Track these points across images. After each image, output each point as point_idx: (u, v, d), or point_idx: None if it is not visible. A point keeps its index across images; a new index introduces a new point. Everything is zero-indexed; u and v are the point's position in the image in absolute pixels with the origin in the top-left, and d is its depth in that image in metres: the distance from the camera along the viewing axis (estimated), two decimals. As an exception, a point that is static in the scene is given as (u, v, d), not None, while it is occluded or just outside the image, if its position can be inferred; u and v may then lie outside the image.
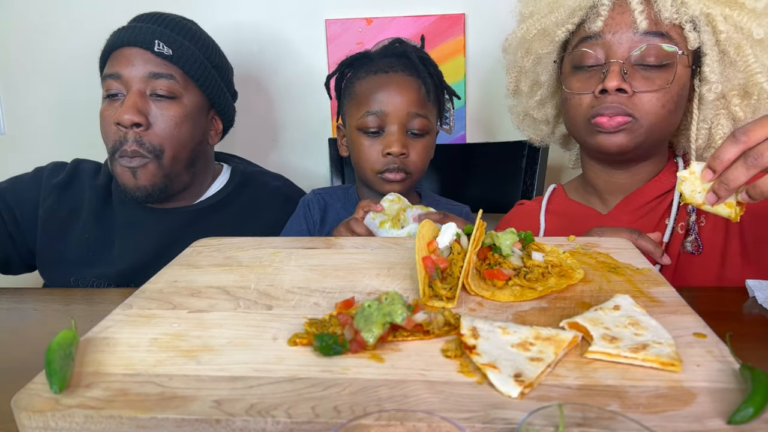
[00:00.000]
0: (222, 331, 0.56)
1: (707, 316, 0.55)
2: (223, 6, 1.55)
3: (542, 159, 1.37)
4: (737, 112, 0.94)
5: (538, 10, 1.02)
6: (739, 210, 0.65)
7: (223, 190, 1.23)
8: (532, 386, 0.45)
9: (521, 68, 1.09)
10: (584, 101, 0.95)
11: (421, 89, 1.06)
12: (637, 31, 0.90)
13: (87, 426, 0.44)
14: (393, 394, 0.45)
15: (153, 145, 1.09)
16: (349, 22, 1.50)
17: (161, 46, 1.10)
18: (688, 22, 0.90)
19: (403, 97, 1.05)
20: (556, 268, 0.66)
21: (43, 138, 1.65)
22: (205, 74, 1.15)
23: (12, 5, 1.59)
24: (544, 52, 1.02)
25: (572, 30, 0.98)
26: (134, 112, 1.06)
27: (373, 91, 1.06)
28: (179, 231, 1.14)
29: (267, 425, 0.43)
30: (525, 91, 1.12)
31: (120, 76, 1.08)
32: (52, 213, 1.18)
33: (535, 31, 1.02)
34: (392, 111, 1.05)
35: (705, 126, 0.96)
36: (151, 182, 1.11)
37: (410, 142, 1.06)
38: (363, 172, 1.10)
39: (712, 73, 0.91)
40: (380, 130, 1.06)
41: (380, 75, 1.08)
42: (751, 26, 0.88)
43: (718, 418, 0.41)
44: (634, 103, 0.91)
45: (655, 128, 0.93)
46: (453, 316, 0.55)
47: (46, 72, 1.58)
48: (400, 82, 1.06)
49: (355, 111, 1.09)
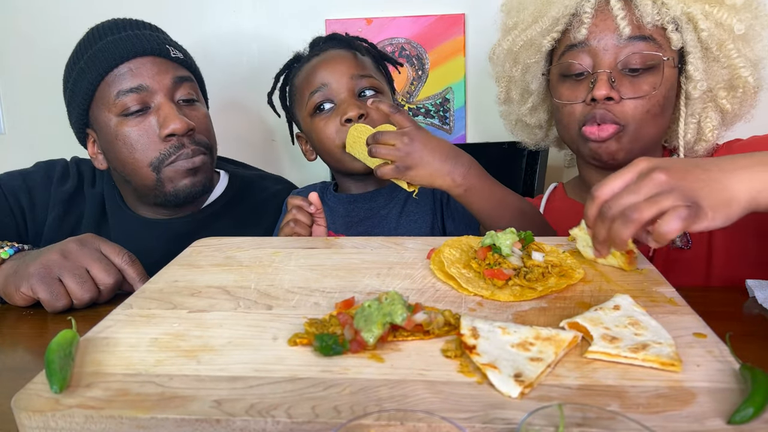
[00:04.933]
0: (222, 331, 0.56)
1: (707, 316, 0.55)
2: (222, 6, 1.54)
3: (542, 159, 1.37)
4: (724, 105, 0.95)
5: (521, 20, 1.02)
6: (625, 259, 0.67)
7: (222, 197, 1.21)
8: (532, 386, 0.45)
9: (510, 78, 1.10)
10: (575, 110, 0.96)
11: (356, 55, 1.05)
12: (621, 36, 0.91)
13: (87, 426, 0.44)
14: (393, 394, 0.45)
15: (204, 142, 1.10)
16: (349, 22, 1.50)
17: (175, 51, 1.09)
18: (669, 23, 0.90)
19: (341, 65, 1.03)
20: (556, 268, 0.66)
21: (43, 138, 1.66)
22: (199, 74, 1.16)
23: (12, 5, 1.59)
24: (532, 61, 1.03)
25: (558, 38, 0.98)
26: (183, 120, 1.04)
27: (310, 74, 1.05)
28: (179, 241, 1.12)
29: (267, 425, 0.43)
30: (516, 99, 1.12)
31: (146, 88, 1.04)
32: (60, 223, 1.15)
33: (521, 42, 1.02)
34: (334, 81, 1.02)
35: (693, 120, 0.97)
36: (206, 179, 1.12)
37: (365, 105, 1.02)
38: (330, 153, 1.06)
39: (696, 71, 0.92)
40: (330, 102, 1.03)
41: (312, 60, 1.07)
42: (731, 22, 0.89)
43: (718, 418, 0.41)
44: (622, 110, 0.92)
45: (641, 133, 0.94)
46: (453, 316, 0.55)
47: (46, 72, 1.58)
48: (333, 55, 1.05)
49: (302, 101, 1.07)
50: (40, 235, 1.16)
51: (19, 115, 1.67)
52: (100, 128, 1.08)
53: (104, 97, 1.05)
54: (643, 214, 0.57)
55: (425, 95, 1.53)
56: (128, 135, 1.04)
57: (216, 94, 1.29)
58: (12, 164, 1.24)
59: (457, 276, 0.64)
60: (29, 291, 0.80)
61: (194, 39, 1.25)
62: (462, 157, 0.88)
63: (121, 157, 1.07)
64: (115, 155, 1.07)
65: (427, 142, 0.87)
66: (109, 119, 1.05)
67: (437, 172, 0.86)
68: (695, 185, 0.59)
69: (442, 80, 1.51)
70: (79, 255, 0.82)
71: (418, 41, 1.49)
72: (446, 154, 0.87)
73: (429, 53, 1.50)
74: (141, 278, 0.85)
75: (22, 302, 0.82)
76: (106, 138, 1.07)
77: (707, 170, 0.61)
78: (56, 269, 0.81)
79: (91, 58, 1.05)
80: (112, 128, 1.05)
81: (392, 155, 0.86)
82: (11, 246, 0.89)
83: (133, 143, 1.05)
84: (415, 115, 1.55)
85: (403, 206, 1.08)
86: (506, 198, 0.92)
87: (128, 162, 1.06)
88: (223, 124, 1.21)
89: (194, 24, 1.55)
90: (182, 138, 1.06)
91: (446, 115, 1.54)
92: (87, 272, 0.82)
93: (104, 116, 1.06)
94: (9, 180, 1.15)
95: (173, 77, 1.07)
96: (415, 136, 0.86)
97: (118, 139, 1.05)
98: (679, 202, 0.57)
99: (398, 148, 0.86)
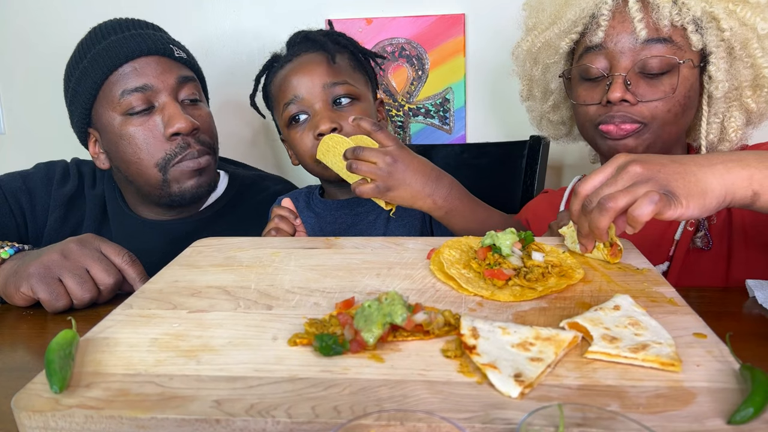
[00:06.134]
0: (222, 331, 0.56)
1: (707, 316, 0.55)
2: (223, 6, 1.55)
3: (542, 159, 1.37)
4: (749, 104, 0.94)
5: (540, 21, 1.02)
6: (608, 252, 0.70)
7: (222, 198, 1.21)
8: (532, 386, 0.45)
9: (531, 76, 1.10)
10: (591, 110, 0.96)
11: (331, 59, 1.01)
12: (637, 39, 0.90)
13: (87, 426, 0.44)
14: (393, 394, 0.45)
15: (208, 141, 1.10)
16: (349, 22, 1.50)
17: (179, 51, 1.09)
18: (690, 23, 0.89)
19: (313, 74, 1.00)
20: (556, 268, 0.66)
21: (43, 138, 1.65)
22: (201, 74, 1.16)
23: (12, 5, 1.59)
24: (551, 62, 1.03)
25: (576, 40, 0.98)
26: (188, 119, 1.05)
27: (284, 83, 1.03)
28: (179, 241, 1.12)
29: (267, 425, 0.43)
30: (538, 97, 1.12)
31: (151, 87, 1.04)
32: (61, 224, 1.15)
33: (539, 44, 1.02)
34: (306, 92, 1.00)
35: (716, 120, 0.96)
36: (211, 179, 1.13)
37: (340, 114, 1.00)
38: (307, 165, 1.05)
39: (719, 72, 0.91)
40: (305, 114, 1.01)
41: (285, 66, 1.05)
42: (755, 21, 0.87)
43: (718, 418, 0.41)
44: (639, 110, 0.91)
45: (663, 131, 0.93)
46: (453, 316, 0.55)
47: (45, 72, 1.58)
48: (305, 61, 1.02)
49: (278, 110, 1.06)
50: (40, 237, 1.16)
51: (19, 115, 1.67)
52: (103, 127, 1.08)
53: (108, 96, 1.05)
54: (618, 202, 0.60)
55: (425, 95, 1.53)
56: (133, 134, 1.05)
57: (216, 94, 1.29)
58: (12, 165, 1.24)
59: (456, 276, 0.64)
60: (29, 291, 0.80)
61: (194, 39, 1.25)
62: (444, 179, 0.88)
63: (125, 156, 1.07)
64: (120, 155, 1.07)
65: (410, 162, 0.86)
66: (113, 118, 1.05)
67: (418, 194, 0.86)
68: (670, 177, 0.62)
69: (442, 80, 1.51)
70: (79, 255, 0.82)
71: (418, 41, 1.49)
72: (428, 176, 0.86)
73: (429, 53, 1.50)
74: (141, 278, 0.85)
75: (22, 302, 0.82)
76: (110, 137, 1.07)
77: (683, 164, 0.64)
78: (56, 269, 0.81)
79: (95, 57, 1.05)
80: (116, 127, 1.05)
81: (373, 174, 0.84)
82: (11, 246, 0.89)
83: (138, 143, 1.05)
84: (415, 115, 1.55)
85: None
86: (489, 219, 0.92)
87: (133, 161, 1.07)
88: (223, 123, 1.21)
89: (194, 24, 1.55)
90: (187, 138, 1.06)
91: (446, 115, 1.54)
92: (87, 272, 0.82)
93: (108, 115, 1.06)
94: (9, 181, 1.15)
95: (177, 77, 1.07)
96: (398, 156, 0.85)
97: (122, 139, 1.05)
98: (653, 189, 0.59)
99: (380, 167, 0.84)
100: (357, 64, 1.07)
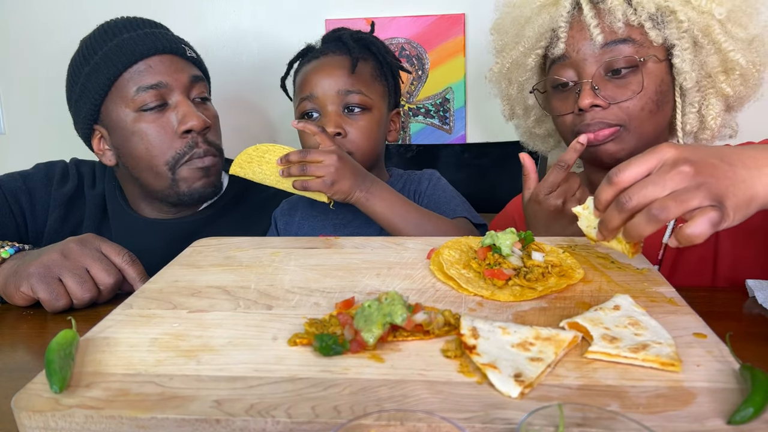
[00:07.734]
0: (222, 331, 0.56)
1: (707, 316, 0.55)
2: (223, 5, 1.54)
3: (542, 159, 1.37)
4: (725, 89, 0.95)
5: (506, 43, 1.06)
6: (630, 247, 0.64)
7: (223, 197, 1.21)
8: (532, 386, 0.45)
9: (509, 96, 1.13)
10: (567, 120, 0.98)
11: (353, 66, 1.04)
12: (596, 44, 0.91)
13: (87, 426, 0.44)
14: (393, 394, 0.45)
15: (215, 143, 1.11)
16: (350, 22, 1.49)
17: (190, 51, 1.11)
18: (647, 20, 0.90)
19: (332, 77, 1.04)
20: (556, 268, 0.66)
21: (43, 138, 1.65)
22: (209, 75, 1.17)
23: (12, 5, 1.59)
24: (523, 79, 1.06)
25: (542, 54, 1.01)
26: (200, 117, 1.06)
27: (306, 78, 1.06)
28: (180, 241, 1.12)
29: (267, 425, 0.43)
30: (520, 114, 1.15)
31: (165, 85, 1.05)
32: (61, 225, 1.15)
33: (508, 64, 1.06)
34: (321, 93, 1.03)
35: (693, 110, 0.97)
36: (218, 179, 1.13)
37: (348, 120, 1.04)
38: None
39: (684, 63, 0.92)
40: (318, 113, 1.05)
41: (312, 61, 1.07)
42: (711, 7, 0.88)
43: (718, 418, 0.41)
44: (614, 113, 0.92)
45: (642, 130, 0.94)
46: (453, 316, 0.55)
47: (46, 72, 1.58)
48: (329, 63, 1.05)
49: (296, 101, 1.09)
50: (40, 237, 1.16)
51: (19, 115, 1.67)
52: (113, 123, 1.08)
53: (122, 92, 1.06)
54: (670, 213, 0.54)
55: (425, 95, 1.53)
56: (146, 131, 1.06)
57: (216, 94, 1.29)
58: (12, 165, 1.24)
59: (456, 277, 0.64)
60: (29, 291, 0.80)
61: (194, 39, 1.24)
62: (367, 173, 0.97)
63: (135, 152, 1.08)
64: (130, 150, 1.08)
65: (347, 160, 0.95)
66: (126, 114, 1.06)
67: (353, 185, 0.94)
68: (721, 184, 0.56)
69: (442, 80, 1.51)
70: (79, 255, 0.82)
71: (418, 41, 1.49)
72: (359, 170, 0.96)
73: (429, 53, 1.50)
74: (141, 278, 0.85)
75: (22, 302, 0.82)
76: (122, 133, 1.08)
77: (733, 165, 0.58)
78: (56, 269, 0.81)
79: (108, 54, 1.06)
80: (128, 123, 1.06)
81: (322, 171, 0.92)
82: (11, 246, 0.89)
83: (150, 139, 1.06)
84: (415, 115, 1.55)
85: None
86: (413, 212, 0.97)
87: (143, 158, 1.07)
88: (223, 123, 1.21)
89: (194, 24, 1.55)
90: (196, 136, 1.07)
91: (446, 115, 1.54)
92: (87, 272, 0.82)
93: (120, 111, 1.06)
94: (9, 181, 1.15)
95: (189, 76, 1.08)
96: (340, 154, 0.94)
97: (134, 135, 1.06)
98: (706, 202, 0.54)
99: (327, 165, 0.92)
100: (379, 73, 1.09)
